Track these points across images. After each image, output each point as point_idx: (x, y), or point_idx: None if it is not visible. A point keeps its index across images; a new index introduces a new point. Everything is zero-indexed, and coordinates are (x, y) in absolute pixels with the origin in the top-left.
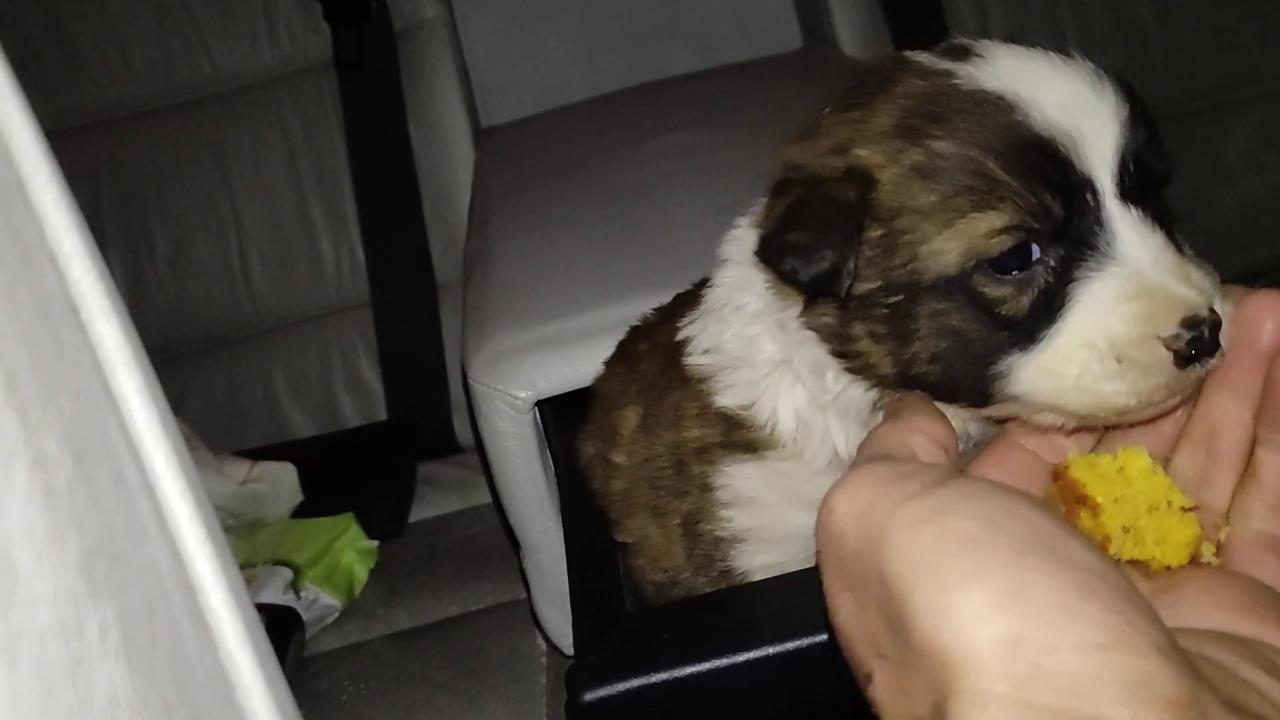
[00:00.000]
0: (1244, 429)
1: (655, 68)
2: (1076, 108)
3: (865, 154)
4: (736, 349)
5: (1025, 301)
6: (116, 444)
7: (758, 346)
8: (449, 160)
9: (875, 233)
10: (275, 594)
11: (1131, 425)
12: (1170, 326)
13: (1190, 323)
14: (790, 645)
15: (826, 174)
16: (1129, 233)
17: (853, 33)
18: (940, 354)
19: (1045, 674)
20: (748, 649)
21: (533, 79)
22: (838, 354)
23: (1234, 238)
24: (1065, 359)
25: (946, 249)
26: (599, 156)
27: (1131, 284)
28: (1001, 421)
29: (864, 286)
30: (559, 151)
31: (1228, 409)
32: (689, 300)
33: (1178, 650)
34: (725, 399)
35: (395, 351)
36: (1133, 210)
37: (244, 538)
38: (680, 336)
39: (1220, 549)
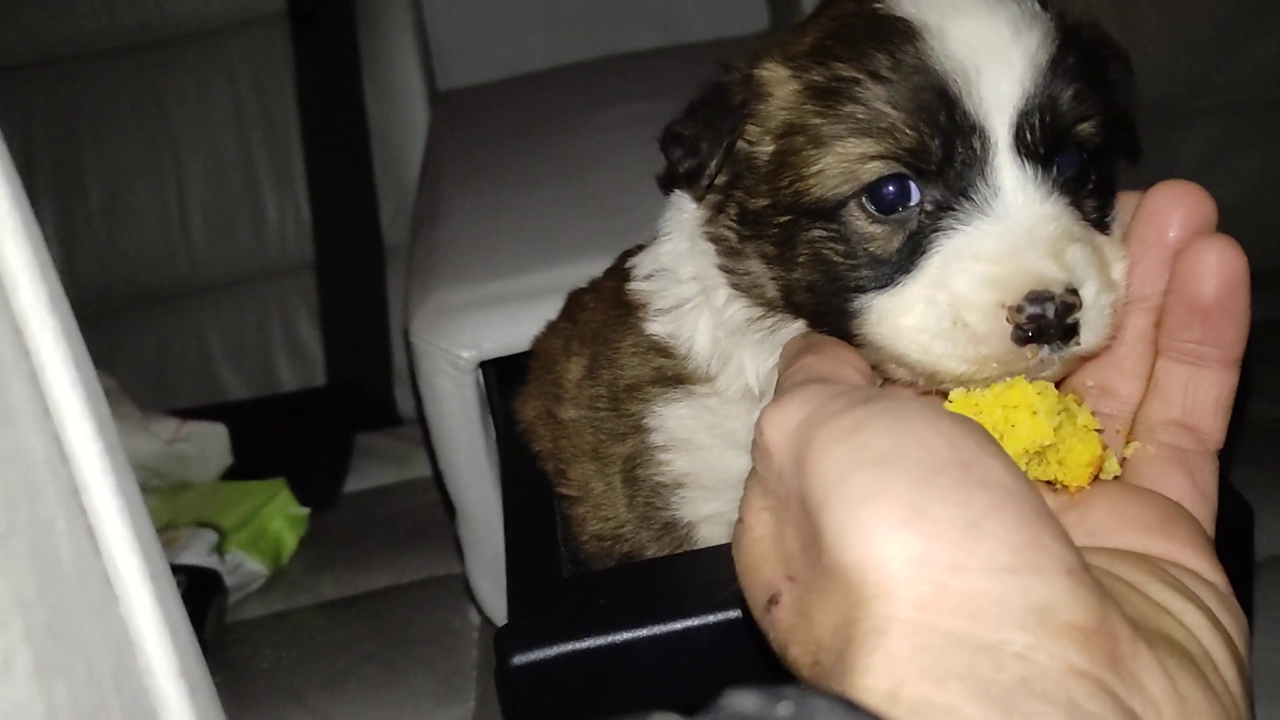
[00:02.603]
0: (1145, 339)
1: (618, 42)
2: (983, 45)
3: (769, 68)
4: (669, 263)
5: (895, 243)
6: None
7: (683, 262)
8: (403, 122)
9: (769, 148)
10: (197, 556)
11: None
12: (1015, 297)
13: (1036, 297)
14: (727, 615)
15: (729, 77)
16: (1014, 192)
17: None
18: (813, 283)
19: (948, 594)
20: (684, 617)
21: (493, 46)
22: (727, 270)
23: None
24: (906, 309)
25: (826, 171)
26: (555, 122)
27: (992, 245)
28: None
29: (758, 203)
30: (515, 115)
31: (1129, 319)
32: (636, 253)
33: (1089, 574)
34: (657, 325)
35: (338, 316)
36: (1028, 168)
37: (167, 499)
38: (628, 264)
39: (1125, 464)
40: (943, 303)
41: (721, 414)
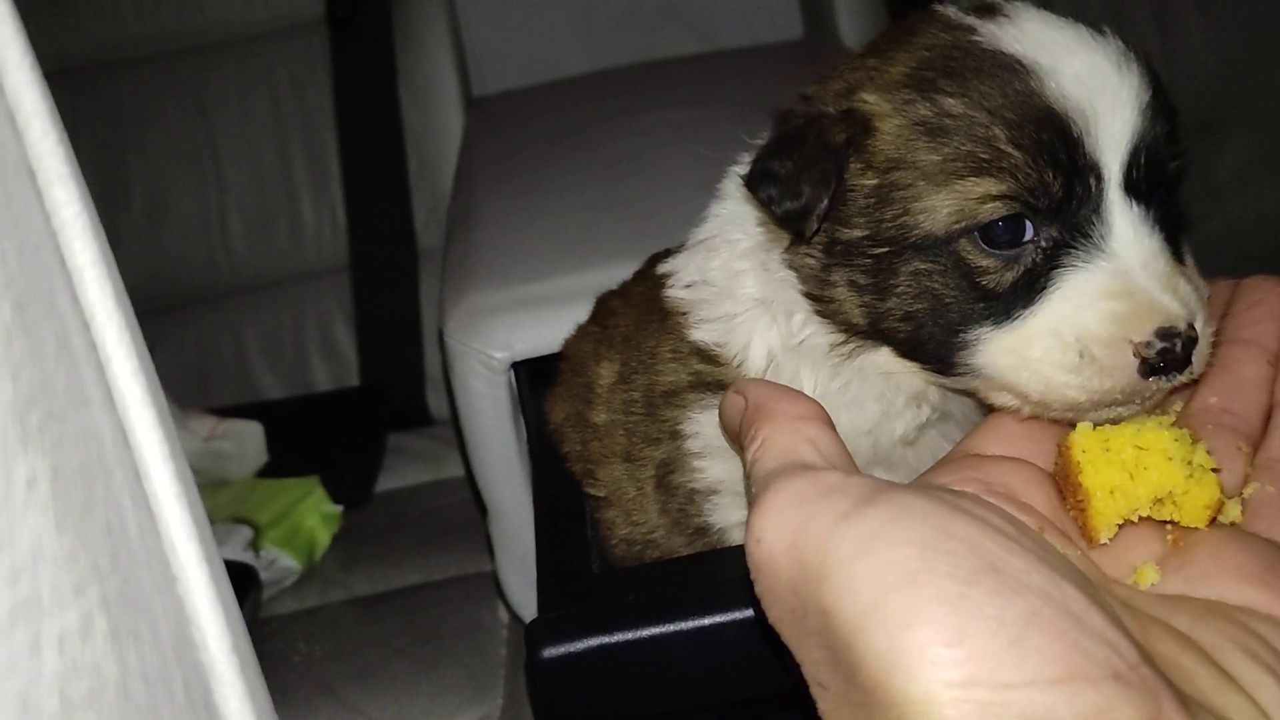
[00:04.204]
0: (1264, 379)
1: (652, 49)
2: (1096, 85)
3: (871, 100)
4: (721, 280)
5: (1009, 277)
6: (63, 309)
7: (741, 282)
8: (438, 127)
9: (869, 181)
10: (233, 552)
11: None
12: (1144, 333)
13: (1165, 333)
14: (754, 612)
15: (825, 112)
16: (1125, 229)
17: (854, 24)
18: (914, 313)
19: (994, 709)
20: (712, 613)
21: (527, 52)
22: (812, 297)
23: (1222, 259)
24: (1030, 341)
25: (938, 208)
26: (589, 128)
27: (1115, 282)
28: (961, 393)
29: (852, 234)
30: (549, 121)
31: (1248, 362)
32: (663, 258)
33: (1139, 669)
34: (701, 333)
35: (372, 318)
36: (1134, 206)
37: (204, 495)
38: (661, 271)
39: (1243, 506)
40: (1069, 337)
41: None
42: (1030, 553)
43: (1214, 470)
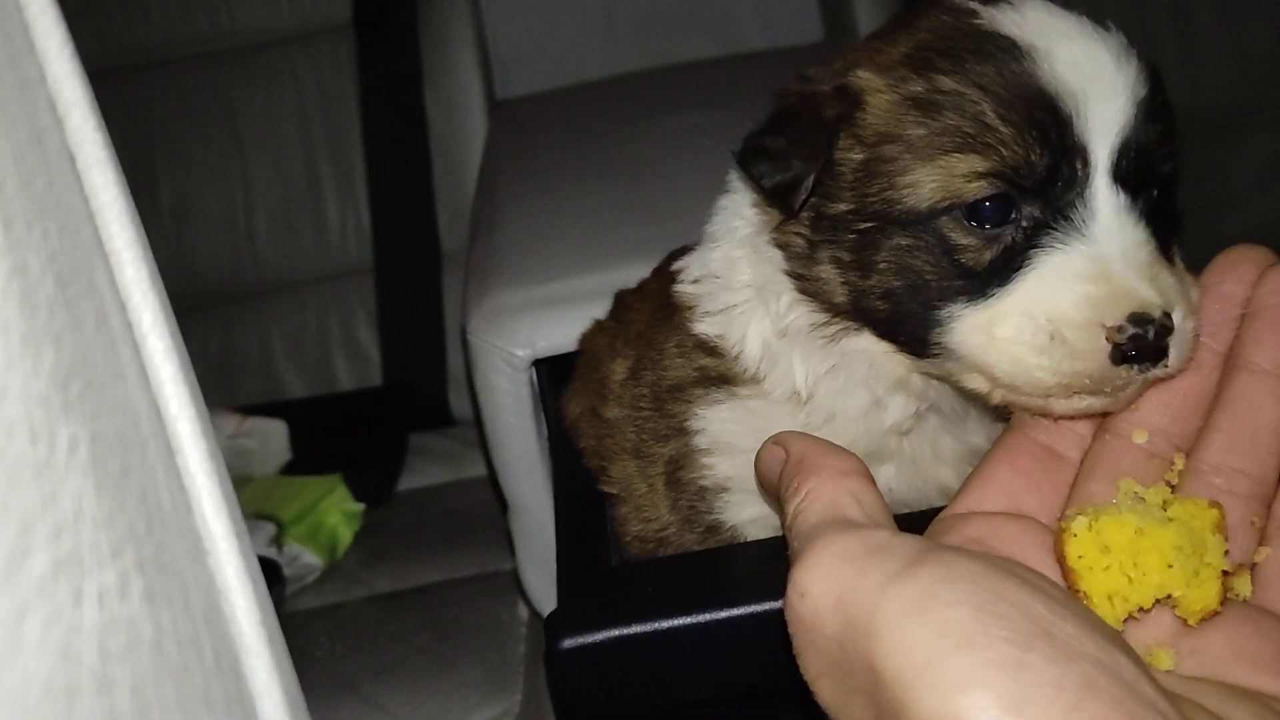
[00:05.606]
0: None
1: (673, 52)
2: (1090, 72)
3: (864, 77)
4: (721, 270)
5: (988, 256)
6: (102, 287)
7: (738, 269)
8: (462, 130)
9: (857, 155)
10: (257, 547)
11: (1057, 418)
12: (1116, 317)
13: (1138, 319)
14: (773, 605)
15: (819, 89)
16: (1109, 216)
17: (874, 26)
18: (893, 291)
19: None
20: (730, 606)
21: (550, 55)
22: (796, 275)
23: None
24: (1001, 320)
25: (923, 183)
26: (611, 130)
27: (1092, 266)
28: (939, 379)
29: (838, 208)
30: (571, 123)
31: (1265, 402)
32: (681, 255)
33: None
34: (704, 326)
35: (395, 319)
36: (1121, 195)
37: None
38: (674, 268)
39: (1254, 572)
40: (1040, 318)
41: (766, 417)
42: (1080, 619)
43: (1224, 558)
